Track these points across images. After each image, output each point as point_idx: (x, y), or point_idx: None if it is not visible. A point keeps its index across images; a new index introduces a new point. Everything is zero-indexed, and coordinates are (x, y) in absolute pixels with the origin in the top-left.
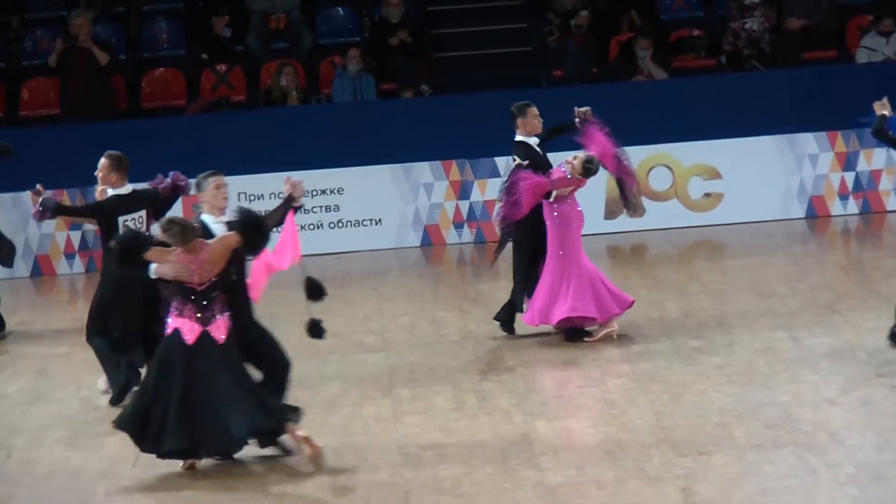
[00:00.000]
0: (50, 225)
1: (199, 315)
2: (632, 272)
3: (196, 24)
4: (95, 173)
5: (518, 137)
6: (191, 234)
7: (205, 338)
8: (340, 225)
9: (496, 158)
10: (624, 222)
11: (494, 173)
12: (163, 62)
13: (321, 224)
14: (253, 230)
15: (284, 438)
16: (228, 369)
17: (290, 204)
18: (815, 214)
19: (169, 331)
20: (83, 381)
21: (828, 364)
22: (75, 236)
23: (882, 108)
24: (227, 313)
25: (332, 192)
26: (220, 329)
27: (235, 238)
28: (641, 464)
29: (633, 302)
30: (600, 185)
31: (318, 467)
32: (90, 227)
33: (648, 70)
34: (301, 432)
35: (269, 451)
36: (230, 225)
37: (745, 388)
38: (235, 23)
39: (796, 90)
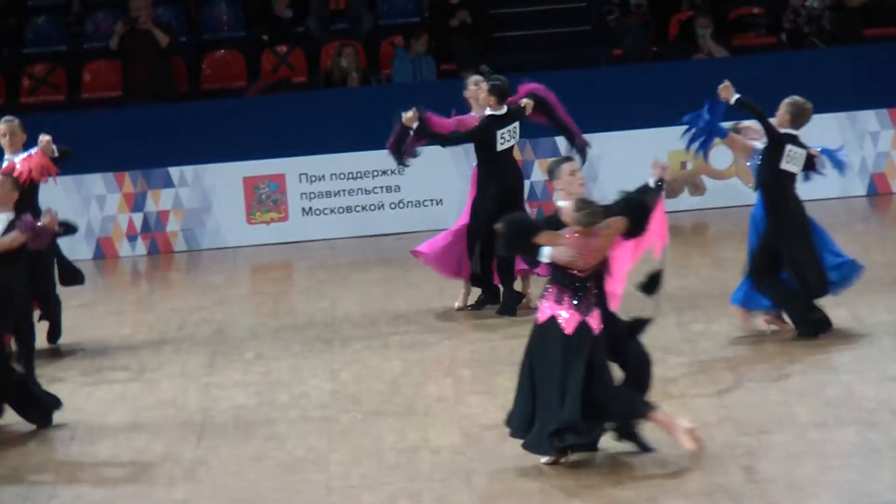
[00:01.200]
0: (112, 207)
1: (576, 304)
2: (692, 251)
3: (256, 6)
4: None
5: None
6: (599, 217)
7: (582, 328)
8: (402, 205)
9: (555, 139)
10: (684, 201)
11: (555, 152)
12: (223, 44)
13: (382, 205)
14: (639, 213)
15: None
16: (601, 362)
17: (661, 188)
18: (877, 192)
19: (543, 318)
20: (145, 363)
21: (890, 342)
22: (137, 218)
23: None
24: (599, 303)
25: (392, 172)
26: (596, 319)
27: (623, 222)
28: (703, 442)
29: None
30: None
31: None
32: (151, 209)
33: (709, 48)
34: (684, 422)
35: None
36: (611, 208)
37: (806, 366)
38: (296, 4)
39: (857, 67)
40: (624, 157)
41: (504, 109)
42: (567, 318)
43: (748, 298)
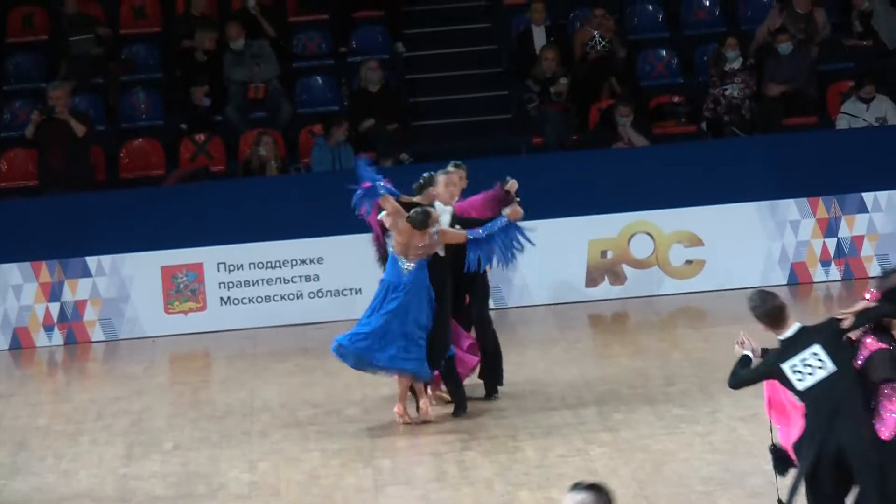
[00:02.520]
0: (29, 296)
1: None
2: (613, 340)
3: (174, 94)
4: None
5: None
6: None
7: None
8: (320, 294)
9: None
10: (605, 289)
11: None
12: (141, 132)
13: (301, 294)
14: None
15: None
16: None
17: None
18: (797, 281)
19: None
20: (62, 454)
21: None
22: (54, 308)
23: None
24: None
25: (311, 261)
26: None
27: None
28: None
29: None
30: (581, 252)
31: None
32: (68, 299)
33: (629, 137)
34: None
35: None
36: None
37: (729, 456)
38: (214, 92)
39: (777, 156)
40: (545, 246)
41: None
42: None
43: None
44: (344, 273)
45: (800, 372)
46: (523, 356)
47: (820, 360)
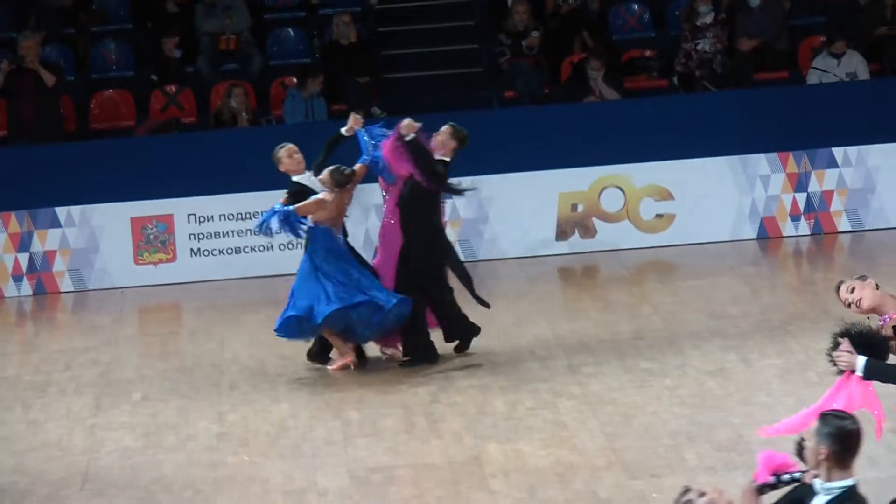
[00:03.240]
0: None
1: None
2: (583, 294)
3: (145, 46)
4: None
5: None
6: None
7: None
8: (291, 246)
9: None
10: (575, 243)
11: None
12: (112, 83)
13: (271, 245)
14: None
15: None
16: None
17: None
18: (767, 235)
19: None
20: (31, 404)
21: (779, 385)
22: (23, 258)
23: None
24: None
25: None
26: None
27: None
28: (592, 486)
29: None
30: (552, 206)
31: None
32: (37, 249)
33: (600, 91)
34: None
35: None
36: None
37: (696, 410)
38: (185, 44)
39: (748, 111)
40: (515, 199)
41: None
42: None
43: None
44: None
45: None
46: (493, 309)
47: None
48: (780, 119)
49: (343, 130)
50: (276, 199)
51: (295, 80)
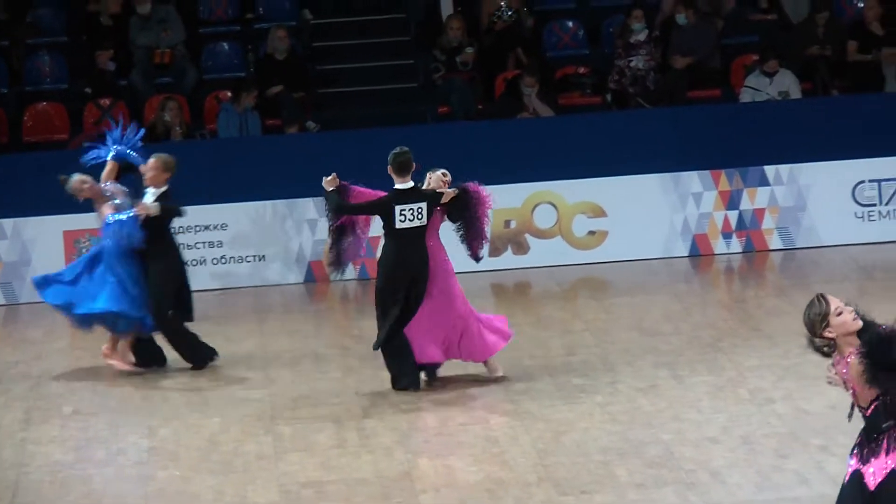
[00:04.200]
0: None
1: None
2: (516, 310)
3: (80, 59)
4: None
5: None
6: None
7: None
8: (224, 261)
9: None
10: (508, 259)
11: None
12: (46, 96)
13: (204, 260)
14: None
15: None
16: None
17: None
18: (699, 253)
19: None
20: None
21: (710, 402)
22: None
23: None
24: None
25: (215, 227)
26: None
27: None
28: (523, 502)
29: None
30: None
31: None
32: None
33: (534, 107)
34: None
35: None
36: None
37: (627, 426)
38: (119, 57)
39: (681, 129)
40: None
41: (408, 184)
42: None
43: None
44: (247, 239)
45: None
46: None
47: None
48: (712, 137)
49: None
50: (211, 212)
51: (229, 94)
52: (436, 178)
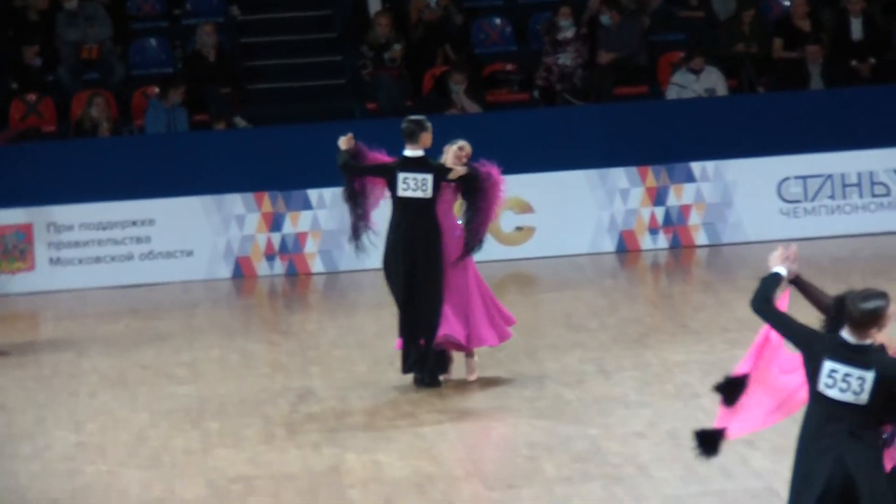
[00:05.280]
0: None
1: None
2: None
3: (5, 53)
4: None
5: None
6: None
7: None
8: (151, 256)
9: (308, 190)
10: None
11: (306, 205)
12: None
13: (132, 255)
14: None
15: None
16: None
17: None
18: (626, 249)
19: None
20: None
21: (636, 397)
22: None
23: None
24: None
25: (143, 223)
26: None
27: None
28: (450, 497)
29: None
30: None
31: None
32: None
33: (462, 104)
34: None
35: None
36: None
37: (555, 421)
38: (46, 52)
39: (608, 125)
40: (377, 211)
41: (417, 153)
42: None
43: None
44: (175, 235)
45: (834, 380)
46: (353, 320)
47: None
48: (639, 133)
49: None
50: (138, 207)
51: (157, 89)
52: (452, 153)
